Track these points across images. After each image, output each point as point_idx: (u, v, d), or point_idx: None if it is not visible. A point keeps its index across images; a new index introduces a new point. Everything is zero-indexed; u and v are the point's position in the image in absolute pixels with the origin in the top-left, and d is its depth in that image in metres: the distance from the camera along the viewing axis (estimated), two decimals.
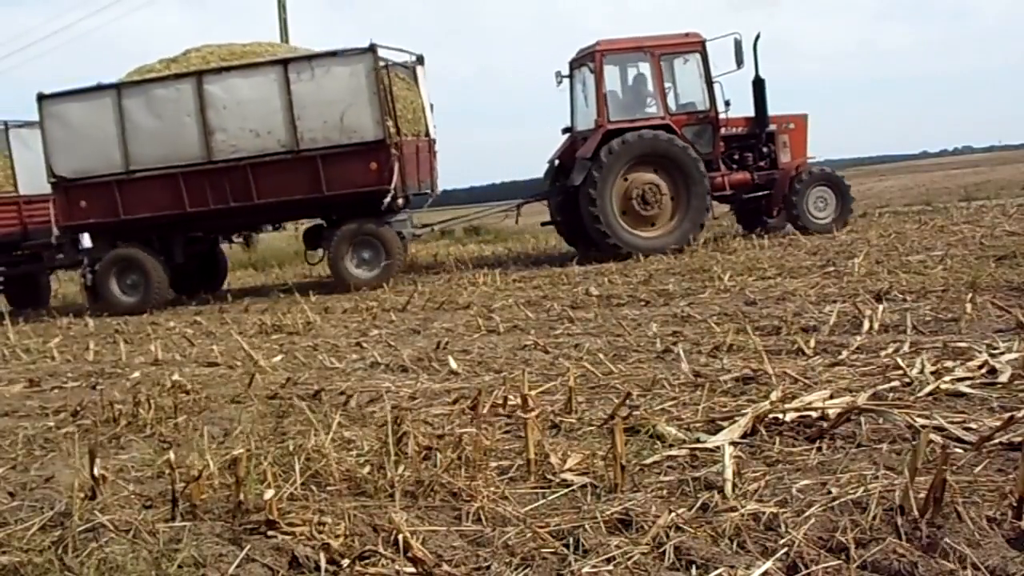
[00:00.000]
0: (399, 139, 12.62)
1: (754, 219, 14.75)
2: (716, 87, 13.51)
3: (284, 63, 12.69)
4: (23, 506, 3.84)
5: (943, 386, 4.23)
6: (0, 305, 15.44)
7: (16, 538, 3.39)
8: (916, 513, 2.79)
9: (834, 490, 3.10)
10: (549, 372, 5.70)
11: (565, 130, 14.56)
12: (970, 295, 6.33)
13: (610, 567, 2.73)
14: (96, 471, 3.76)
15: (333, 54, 12.59)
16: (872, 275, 8.30)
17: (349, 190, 12.58)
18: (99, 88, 13.05)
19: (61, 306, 15.52)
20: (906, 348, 5.13)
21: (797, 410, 4.04)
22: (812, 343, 5.51)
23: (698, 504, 3.12)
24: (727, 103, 13.63)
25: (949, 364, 4.63)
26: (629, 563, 2.74)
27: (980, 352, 4.78)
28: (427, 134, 13.98)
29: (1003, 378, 4.28)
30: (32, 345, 9.88)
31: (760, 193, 14.09)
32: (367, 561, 2.90)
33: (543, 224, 15.40)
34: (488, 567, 2.84)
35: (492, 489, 3.44)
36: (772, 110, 14.20)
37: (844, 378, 4.67)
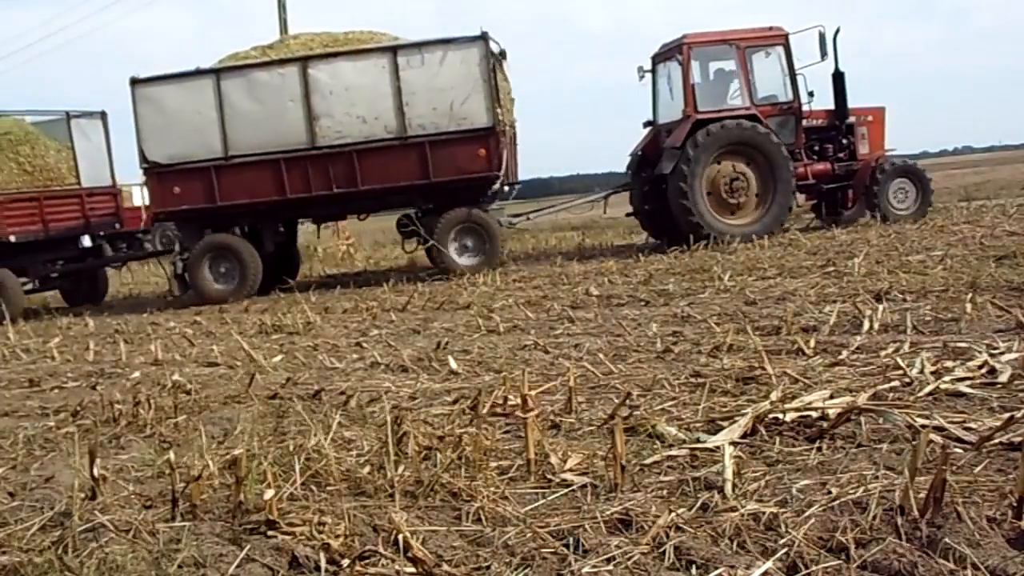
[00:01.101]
0: (504, 127, 12.73)
1: (832, 211, 14.76)
2: (799, 79, 13.63)
3: (393, 50, 12.72)
4: (23, 506, 3.85)
5: (943, 386, 4.24)
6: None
7: (16, 538, 3.39)
8: (916, 513, 2.79)
9: (834, 490, 3.10)
10: (549, 372, 5.70)
11: (647, 123, 14.71)
12: (970, 295, 6.33)
13: (610, 567, 2.73)
14: (96, 471, 3.76)
15: (445, 41, 12.65)
16: (872, 275, 8.30)
17: (456, 176, 12.64)
18: (197, 73, 12.97)
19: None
20: (906, 348, 5.13)
21: (797, 410, 4.04)
22: (812, 343, 5.51)
23: (698, 504, 3.12)
24: (811, 94, 13.76)
25: (949, 364, 4.63)
26: (629, 563, 2.74)
27: (980, 352, 4.77)
28: (512, 125, 14.10)
29: (1003, 378, 4.28)
30: (32, 345, 9.88)
31: (840, 184, 14.21)
32: (367, 561, 2.90)
33: (627, 215, 15.40)
34: (488, 567, 2.84)
35: (492, 489, 3.44)
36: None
37: (844, 378, 4.67)
